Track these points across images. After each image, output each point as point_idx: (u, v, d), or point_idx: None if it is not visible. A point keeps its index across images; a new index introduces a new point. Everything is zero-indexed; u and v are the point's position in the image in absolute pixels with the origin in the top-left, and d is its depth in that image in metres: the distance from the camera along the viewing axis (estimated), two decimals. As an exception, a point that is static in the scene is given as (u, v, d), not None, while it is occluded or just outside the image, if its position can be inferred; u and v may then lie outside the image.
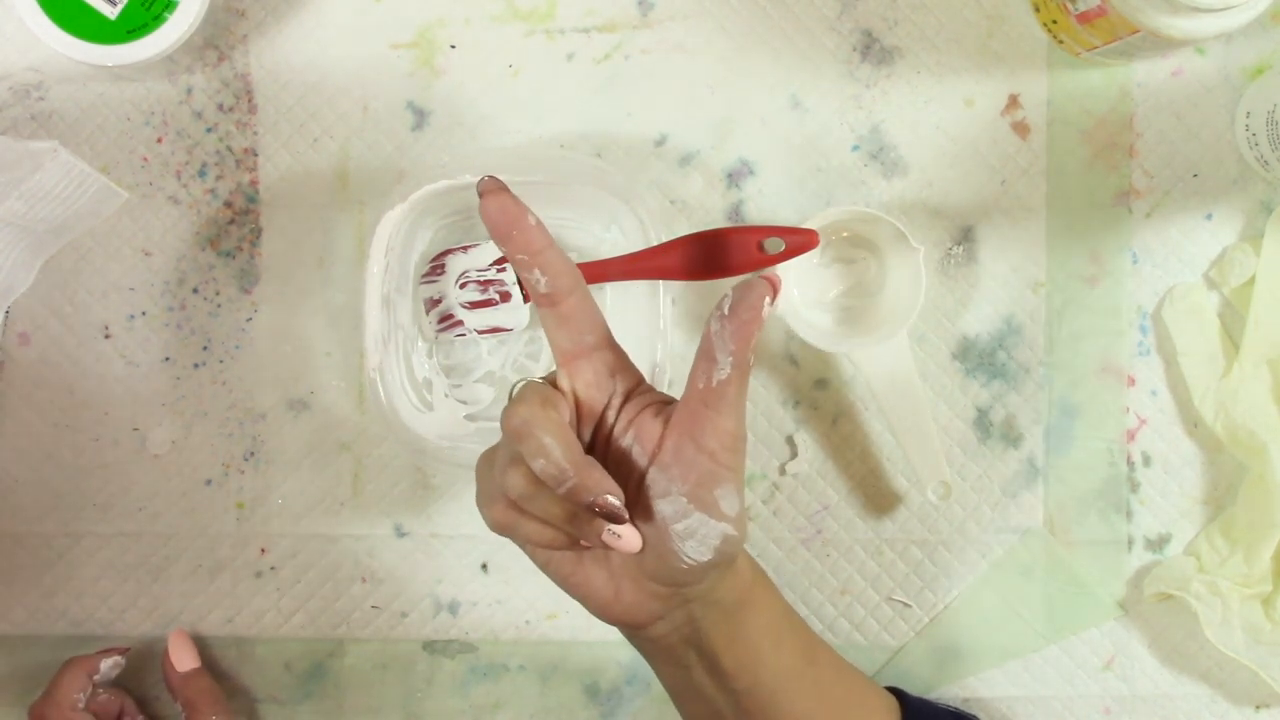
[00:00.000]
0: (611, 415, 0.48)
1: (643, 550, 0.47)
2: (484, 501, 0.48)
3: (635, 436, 0.47)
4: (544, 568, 0.49)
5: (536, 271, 0.46)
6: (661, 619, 0.49)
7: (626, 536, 0.46)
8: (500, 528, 0.47)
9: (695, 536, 0.46)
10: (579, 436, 0.48)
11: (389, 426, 0.61)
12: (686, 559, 0.46)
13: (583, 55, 0.67)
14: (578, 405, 0.48)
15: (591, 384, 0.48)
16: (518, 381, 0.48)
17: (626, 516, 0.45)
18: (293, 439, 0.68)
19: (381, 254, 0.61)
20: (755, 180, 0.67)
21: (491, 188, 0.45)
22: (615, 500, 0.44)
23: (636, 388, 0.49)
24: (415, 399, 0.64)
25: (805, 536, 0.68)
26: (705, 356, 0.46)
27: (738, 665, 0.51)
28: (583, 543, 0.47)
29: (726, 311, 0.45)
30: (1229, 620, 0.65)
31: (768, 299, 0.45)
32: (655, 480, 0.46)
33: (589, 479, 0.44)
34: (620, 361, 0.49)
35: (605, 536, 0.45)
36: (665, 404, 0.48)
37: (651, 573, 0.47)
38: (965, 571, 0.68)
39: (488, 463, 0.48)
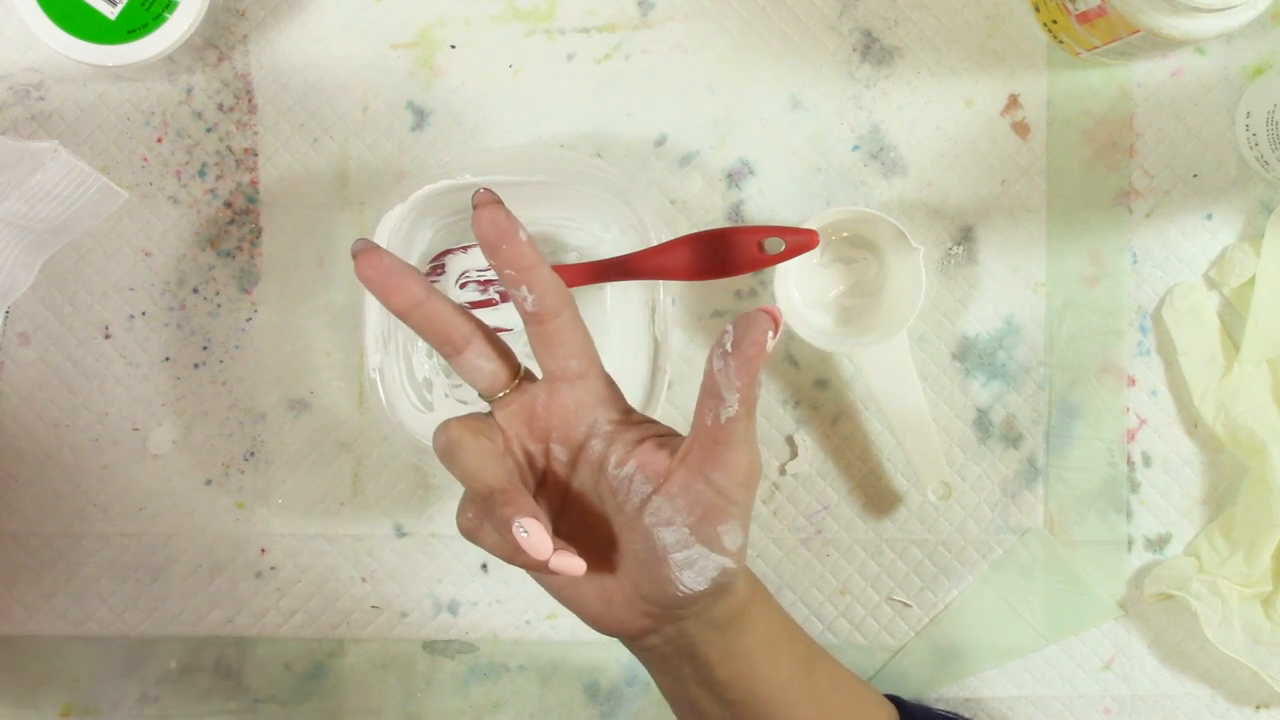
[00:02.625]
0: (598, 445, 0.48)
1: (641, 572, 0.46)
2: (459, 509, 0.47)
3: (638, 466, 0.47)
4: (536, 577, 0.48)
5: (524, 288, 0.46)
6: (654, 633, 0.49)
7: (567, 565, 0.43)
8: (464, 533, 0.47)
9: (694, 567, 0.46)
10: (554, 461, 0.48)
11: (389, 426, 0.61)
12: (683, 588, 0.46)
13: (583, 55, 0.67)
14: (555, 430, 0.47)
15: (570, 410, 0.48)
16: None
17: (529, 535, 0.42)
18: (293, 439, 0.68)
19: (381, 254, 0.61)
20: (755, 180, 0.67)
21: (485, 200, 0.45)
22: (528, 521, 0.42)
23: (627, 418, 0.48)
24: (415, 399, 0.64)
25: (805, 536, 0.68)
26: (710, 394, 0.45)
27: (732, 678, 0.50)
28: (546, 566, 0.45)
29: (729, 348, 0.44)
30: (1229, 620, 0.65)
31: (770, 332, 0.44)
32: (660, 507, 0.46)
33: (509, 503, 0.43)
34: (607, 392, 0.48)
35: (553, 563, 0.43)
36: (668, 437, 0.48)
37: (645, 594, 0.47)
38: (965, 571, 0.68)
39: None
